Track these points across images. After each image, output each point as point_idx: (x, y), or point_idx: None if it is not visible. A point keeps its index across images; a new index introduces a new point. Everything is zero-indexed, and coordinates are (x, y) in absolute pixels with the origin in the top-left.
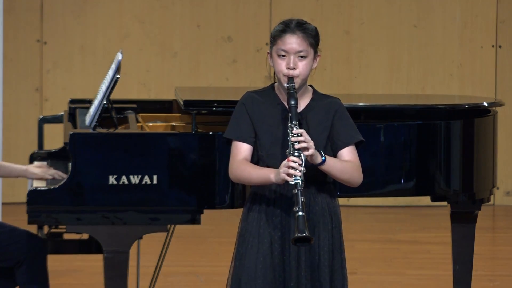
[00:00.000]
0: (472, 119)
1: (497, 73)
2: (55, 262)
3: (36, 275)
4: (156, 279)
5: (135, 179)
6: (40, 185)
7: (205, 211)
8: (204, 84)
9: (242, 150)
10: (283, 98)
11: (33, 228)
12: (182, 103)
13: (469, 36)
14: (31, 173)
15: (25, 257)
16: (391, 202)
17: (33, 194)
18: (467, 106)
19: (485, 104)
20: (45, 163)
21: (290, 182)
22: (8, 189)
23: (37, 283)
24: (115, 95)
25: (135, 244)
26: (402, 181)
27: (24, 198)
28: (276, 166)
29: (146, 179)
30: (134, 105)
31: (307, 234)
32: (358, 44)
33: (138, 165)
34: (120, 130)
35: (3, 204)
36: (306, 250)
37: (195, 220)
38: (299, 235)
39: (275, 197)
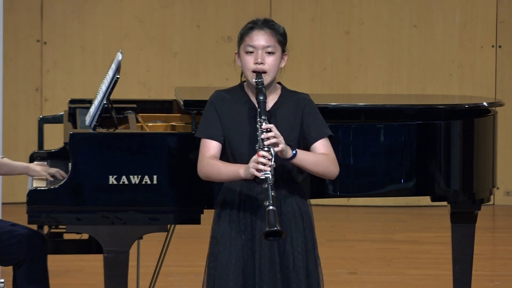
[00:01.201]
0: (472, 119)
1: (497, 73)
2: (55, 262)
3: (36, 275)
4: (156, 279)
5: (135, 179)
6: (40, 185)
7: (205, 211)
8: (204, 84)
9: (211, 147)
10: (251, 96)
11: (33, 226)
12: (182, 103)
13: (469, 36)
14: (32, 170)
15: (25, 257)
16: (391, 202)
17: (33, 194)
18: (467, 106)
19: (485, 104)
20: (45, 163)
21: (260, 177)
22: (8, 189)
23: (37, 283)
24: (115, 95)
25: (135, 244)
26: (402, 181)
27: (24, 198)
28: (245, 164)
29: (146, 179)
30: (134, 105)
31: (278, 228)
32: (358, 44)
33: (138, 165)
34: (120, 130)
35: (3, 204)
36: (280, 253)
37: (195, 220)
38: (269, 229)
39: (245, 198)
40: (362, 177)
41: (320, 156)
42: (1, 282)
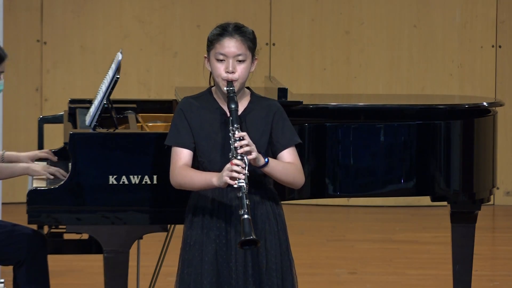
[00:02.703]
0: (472, 119)
1: (497, 73)
2: (55, 262)
3: (36, 275)
4: (156, 279)
5: (135, 179)
6: (40, 185)
7: None
8: (204, 84)
9: (182, 156)
10: (221, 102)
11: (33, 226)
12: None
13: (469, 36)
14: (32, 170)
15: (25, 257)
16: (391, 202)
17: (33, 194)
18: (467, 106)
19: (485, 104)
20: (45, 163)
21: (234, 186)
22: (8, 189)
23: (37, 283)
24: (115, 95)
25: (135, 244)
26: (402, 181)
27: (24, 198)
28: (217, 171)
29: (146, 179)
30: (134, 105)
31: (253, 236)
32: (358, 44)
33: (138, 165)
34: (120, 130)
35: (3, 204)
36: (253, 255)
37: None
38: (245, 238)
39: (218, 205)
40: (362, 177)
41: (288, 165)
42: (1, 282)
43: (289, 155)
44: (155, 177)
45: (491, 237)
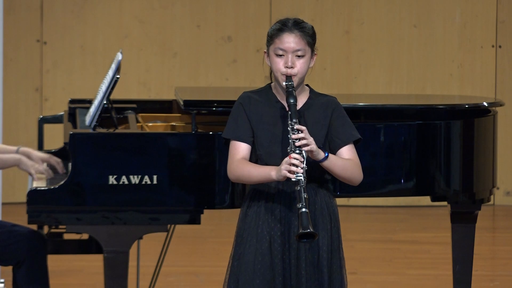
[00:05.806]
0: (472, 119)
1: (497, 73)
2: (55, 262)
3: (36, 275)
4: (156, 279)
5: (135, 179)
6: (40, 185)
7: (205, 211)
8: (204, 84)
9: (240, 149)
10: (280, 97)
11: (33, 226)
12: (182, 103)
13: (469, 36)
14: (24, 163)
15: (25, 257)
16: (391, 202)
17: (33, 194)
18: (467, 106)
19: (485, 104)
20: (47, 155)
21: (292, 179)
22: (8, 189)
23: (37, 283)
24: (115, 95)
25: (135, 244)
26: (402, 181)
27: (24, 198)
28: (276, 164)
29: (146, 179)
30: (134, 105)
31: (311, 230)
32: (358, 44)
33: (138, 165)
34: (120, 130)
35: (3, 204)
36: (306, 249)
37: (195, 220)
38: (303, 231)
39: (275, 193)
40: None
41: (348, 162)
42: (1, 282)
43: (348, 152)
44: (155, 177)
45: (491, 237)
